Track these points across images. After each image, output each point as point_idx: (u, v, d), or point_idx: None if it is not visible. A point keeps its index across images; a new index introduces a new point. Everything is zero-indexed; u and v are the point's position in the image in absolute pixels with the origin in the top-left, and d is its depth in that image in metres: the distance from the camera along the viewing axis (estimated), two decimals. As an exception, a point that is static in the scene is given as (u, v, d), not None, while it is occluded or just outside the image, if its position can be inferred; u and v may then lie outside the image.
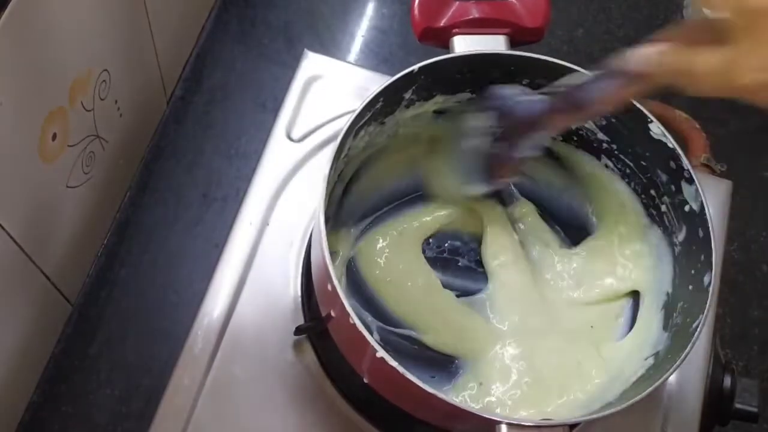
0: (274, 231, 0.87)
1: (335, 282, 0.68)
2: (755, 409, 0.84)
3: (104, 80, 0.93)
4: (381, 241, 0.86)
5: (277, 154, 0.90)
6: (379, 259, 0.86)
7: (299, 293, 0.84)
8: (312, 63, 0.95)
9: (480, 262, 0.88)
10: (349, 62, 1.07)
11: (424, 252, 0.87)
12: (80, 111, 0.89)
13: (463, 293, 0.86)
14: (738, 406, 0.84)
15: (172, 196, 1.10)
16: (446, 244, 0.89)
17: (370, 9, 1.25)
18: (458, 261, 0.88)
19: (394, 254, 0.86)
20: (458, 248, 0.89)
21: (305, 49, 0.96)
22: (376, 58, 1.21)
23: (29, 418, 0.98)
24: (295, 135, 0.91)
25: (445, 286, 0.85)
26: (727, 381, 0.85)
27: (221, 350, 0.82)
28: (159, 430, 0.80)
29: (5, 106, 0.75)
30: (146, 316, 1.02)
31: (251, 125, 1.13)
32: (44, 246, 0.91)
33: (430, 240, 0.89)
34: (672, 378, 0.83)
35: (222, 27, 1.21)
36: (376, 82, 0.77)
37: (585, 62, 0.71)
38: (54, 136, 0.85)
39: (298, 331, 0.82)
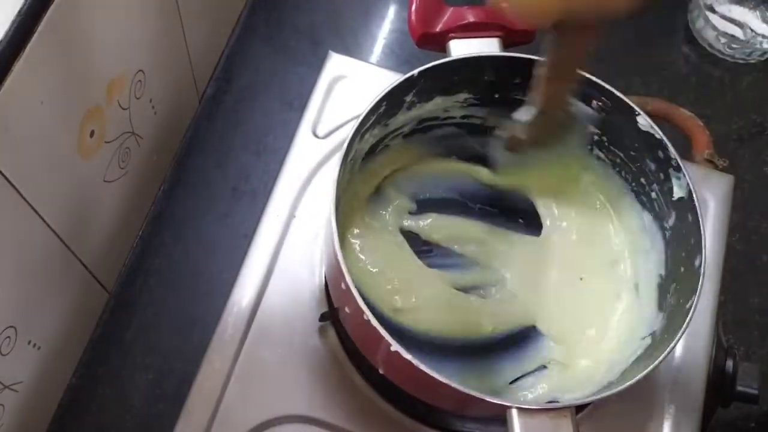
0: (300, 223, 0.88)
1: (349, 281, 0.70)
2: (756, 391, 0.86)
3: (140, 80, 0.94)
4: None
5: (303, 150, 0.92)
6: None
7: (323, 282, 0.86)
8: (336, 64, 0.96)
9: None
10: (371, 63, 1.07)
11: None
12: (117, 109, 0.91)
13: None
14: (739, 388, 0.86)
15: (203, 190, 1.11)
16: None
17: (391, 12, 1.26)
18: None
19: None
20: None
21: (329, 51, 0.97)
22: (396, 59, 1.22)
23: (68, 399, 0.99)
24: (320, 132, 0.93)
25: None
26: (729, 365, 0.87)
27: (250, 336, 0.83)
28: (191, 411, 0.81)
29: (46, 105, 0.76)
30: (179, 303, 1.04)
31: (278, 123, 1.14)
32: (83, 237, 0.93)
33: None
34: (676, 361, 0.85)
35: (251, 30, 1.23)
36: (396, 82, 0.78)
37: (595, 59, 0.72)
38: (92, 133, 0.87)
39: (322, 317, 0.84)
